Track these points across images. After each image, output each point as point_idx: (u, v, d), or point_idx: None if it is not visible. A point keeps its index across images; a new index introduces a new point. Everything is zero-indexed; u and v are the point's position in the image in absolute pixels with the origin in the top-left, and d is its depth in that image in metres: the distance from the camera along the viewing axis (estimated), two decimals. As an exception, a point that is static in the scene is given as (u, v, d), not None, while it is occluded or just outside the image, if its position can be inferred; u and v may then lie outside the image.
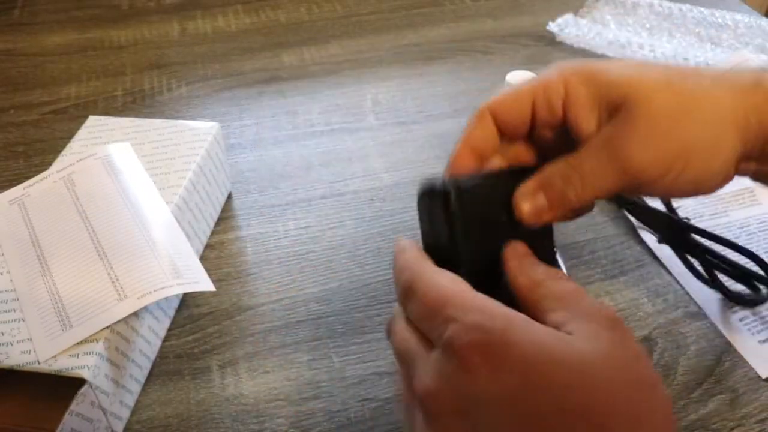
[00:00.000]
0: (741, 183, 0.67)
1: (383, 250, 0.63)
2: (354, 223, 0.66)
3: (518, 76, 0.62)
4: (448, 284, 0.35)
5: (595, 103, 0.39)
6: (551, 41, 0.94)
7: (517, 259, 0.37)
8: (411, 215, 0.66)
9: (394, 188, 0.70)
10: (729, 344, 0.54)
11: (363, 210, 0.67)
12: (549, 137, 0.42)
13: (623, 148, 0.37)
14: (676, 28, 0.96)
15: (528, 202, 0.39)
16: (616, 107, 0.38)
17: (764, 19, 0.96)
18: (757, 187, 0.68)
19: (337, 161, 0.74)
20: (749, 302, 0.56)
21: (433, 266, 0.37)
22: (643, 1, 1.00)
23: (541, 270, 0.37)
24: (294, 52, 0.94)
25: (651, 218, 0.61)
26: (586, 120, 0.39)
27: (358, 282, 0.60)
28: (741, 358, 0.53)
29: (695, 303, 0.57)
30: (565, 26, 0.94)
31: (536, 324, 0.32)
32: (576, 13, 0.99)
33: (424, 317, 0.35)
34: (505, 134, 0.41)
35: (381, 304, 0.58)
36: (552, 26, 0.94)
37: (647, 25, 0.96)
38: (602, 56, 0.91)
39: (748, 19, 0.94)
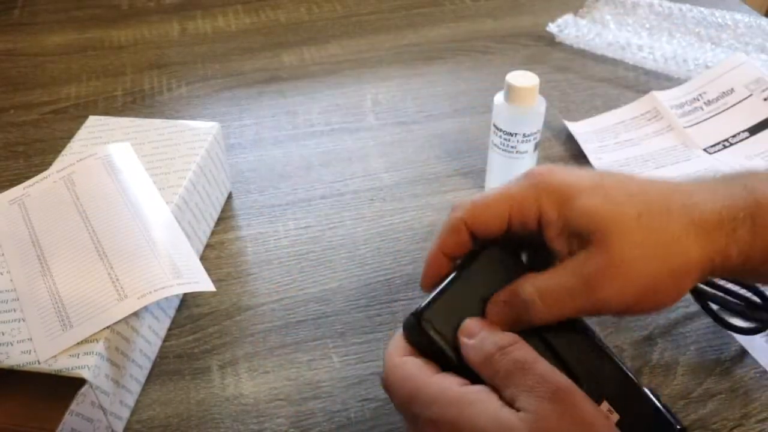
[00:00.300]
0: None
1: (383, 250, 0.63)
2: (354, 223, 0.66)
3: (518, 77, 0.62)
4: (414, 375, 0.38)
5: (567, 230, 0.40)
6: (551, 41, 0.94)
7: (468, 335, 0.39)
8: (411, 215, 0.66)
9: (394, 188, 0.70)
10: (729, 344, 0.54)
11: (363, 210, 0.67)
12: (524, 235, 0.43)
13: (596, 285, 0.39)
14: (676, 28, 0.96)
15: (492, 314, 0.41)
16: (587, 238, 0.39)
17: (764, 19, 0.96)
18: None
19: (337, 161, 0.74)
20: (746, 331, 0.55)
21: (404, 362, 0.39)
22: (643, 1, 0.99)
23: (490, 342, 0.38)
24: (294, 52, 0.94)
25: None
26: (558, 243, 0.41)
27: (358, 282, 0.60)
28: (741, 358, 0.53)
29: (695, 303, 0.57)
30: (565, 27, 0.94)
31: (487, 407, 0.35)
32: (576, 13, 0.99)
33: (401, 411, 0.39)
34: (478, 238, 0.43)
35: (381, 304, 0.58)
36: (551, 27, 0.94)
37: (647, 26, 0.96)
38: (602, 57, 0.91)
39: (748, 19, 0.94)
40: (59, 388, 0.45)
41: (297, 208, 0.68)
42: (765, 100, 0.77)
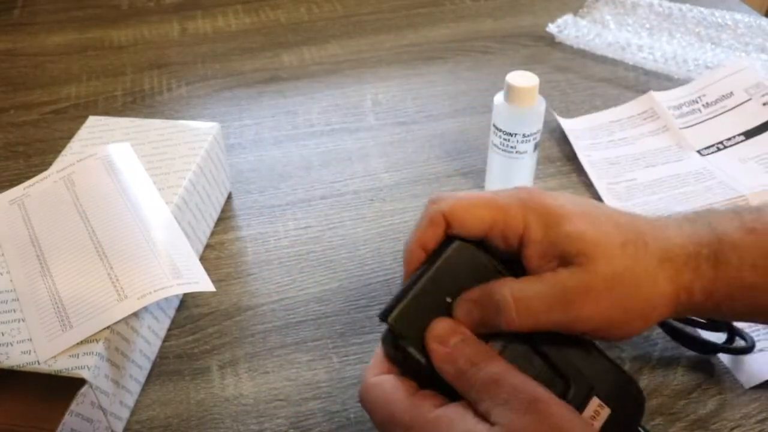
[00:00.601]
0: (733, 190, 0.67)
1: (383, 250, 0.63)
2: (354, 223, 0.66)
3: (518, 77, 0.62)
4: (390, 398, 0.38)
5: (550, 251, 0.41)
6: (551, 42, 0.94)
7: (437, 340, 0.39)
8: (411, 215, 0.66)
9: (394, 188, 0.70)
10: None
11: (363, 210, 0.67)
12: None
13: (574, 302, 0.39)
14: (676, 28, 0.96)
15: (459, 312, 0.41)
16: (570, 260, 0.40)
17: (764, 19, 0.95)
18: (752, 194, 0.67)
19: (337, 161, 0.74)
20: (728, 350, 0.54)
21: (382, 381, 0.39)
22: (642, 1, 0.99)
23: (463, 358, 0.38)
24: (294, 52, 0.94)
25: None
26: (535, 262, 0.41)
27: (358, 282, 0.60)
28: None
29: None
30: (565, 27, 0.94)
31: (462, 427, 0.36)
32: (576, 13, 0.99)
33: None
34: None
35: (381, 304, 0.58)
36: (551, 27, 0.94)
37: (647, 26, 0.96)
38: (602, 57, 0.91)
39: (748, 18, 0.94)
40: (59, 389, 0.45)
41: (297, 209, 0.68)
42: (764, 104, 0.77)
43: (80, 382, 0.44)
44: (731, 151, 0.74)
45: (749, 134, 0.75)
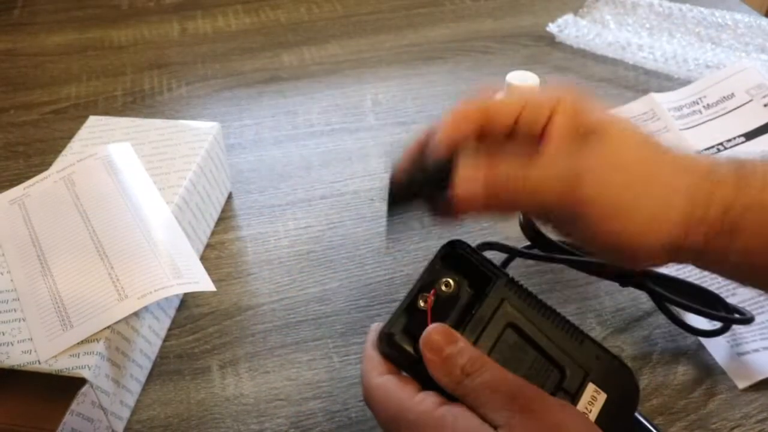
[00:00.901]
0: None
1: (383, 249, 0.63)
2: (354, 223, 0.66)
3: (518, 77, 0.62)
4: (396, 397, 0.39)
5: (573, 130, 0.40)
6: (551, 41, 0.94)
7: (432, 351, 0.39)
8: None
9: (395, 188, 0.70)
10: (729, 344, 0.54)
11: (363, 210, 0.67)
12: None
13: (584, 179, 0.39)
14: (676, 28, 0.96)
15: (464, 185, 0.41)
16: (590, 132, 0.40)
17: (764, 19, 0.96)
18: None
19: (337, 161, 0.74)
20: (706, 333, 0.54)
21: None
22: (642, 1, 0.99)
23: (456, 368, 0.38)
24: (294, 52, 0.94)
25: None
26: (556, 143, 0.40)
27: (358, 282, 0.60)
28: (741, 358, 0.53)
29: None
30: (565, 27, 0.94)
31: (469, 423, 0.36)
32: (576, 13, 0.99)
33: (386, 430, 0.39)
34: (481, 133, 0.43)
35: (381, 304, 0.58)
36: (551, 27, 0.94)
37: (647, 25, 0.96)
38: (602, 57, 0.91)
39: (748, 18, 0.94)
40: (59, 388, 0.45)
41: (297, 208, 0.68)
42: (765, 105, 0.76)
43: (81, 382, 0.44)
44: (731, 152, 0.73)
45: (750, 135, 0.75)
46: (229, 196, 0.69)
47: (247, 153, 0.75)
